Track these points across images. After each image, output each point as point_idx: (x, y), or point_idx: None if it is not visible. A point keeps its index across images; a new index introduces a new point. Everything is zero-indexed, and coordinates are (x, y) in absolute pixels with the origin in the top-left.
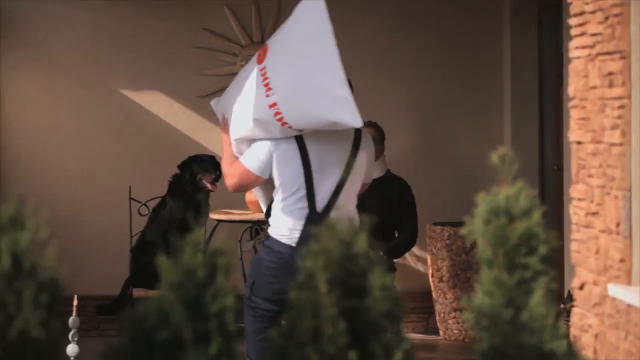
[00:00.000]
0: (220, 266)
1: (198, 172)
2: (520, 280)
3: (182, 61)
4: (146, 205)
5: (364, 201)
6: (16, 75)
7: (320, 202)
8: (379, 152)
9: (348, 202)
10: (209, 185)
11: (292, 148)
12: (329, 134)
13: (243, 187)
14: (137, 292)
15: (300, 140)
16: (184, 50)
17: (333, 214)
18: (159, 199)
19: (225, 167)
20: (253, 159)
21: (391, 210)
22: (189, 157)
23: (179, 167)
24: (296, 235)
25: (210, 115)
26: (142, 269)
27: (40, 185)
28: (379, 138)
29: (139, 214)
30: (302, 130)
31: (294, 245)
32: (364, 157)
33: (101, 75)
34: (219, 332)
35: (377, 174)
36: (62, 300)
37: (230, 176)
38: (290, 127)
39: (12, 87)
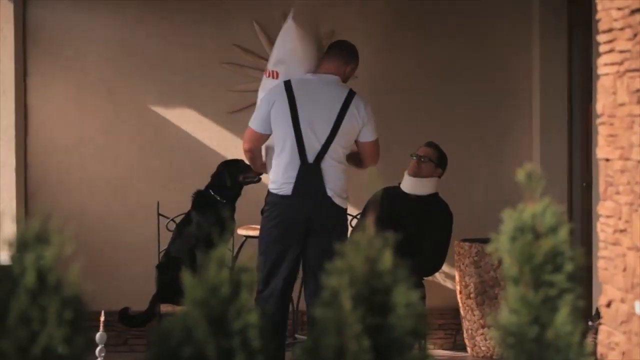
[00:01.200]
0: (244, 283)
1: (238, 173)
2: (546, 297)
3: (212, 77)
4: (174, 221)
5: (402, 214)
6: (45, 90)
7: (311, 155)
8: (430, 171)
9: (336, 155)
10: (256, 178)
11: (285, 106)
12: (320, 97)
13: (252, 147)
14: (165, 308)
15: (292, 99)
16: (213, 66)
17: (323, 164)
18: (184, 215)
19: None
20: (254, 119)
21: (423, 230)
22: (218, 167)
23: (215, 177)
24: (290, 186)
25: (240, 132)
26: (168, 285)
27: (68, 201)
28: (436, 159)
29: (167, 229)
30: None
31: (289, 194)
32: (352, 118)
33: (131, 90)
34: (242, 349)
35: (422, 191)
36: (88, 316)
37: (243, 142)
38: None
39: (41, 102)
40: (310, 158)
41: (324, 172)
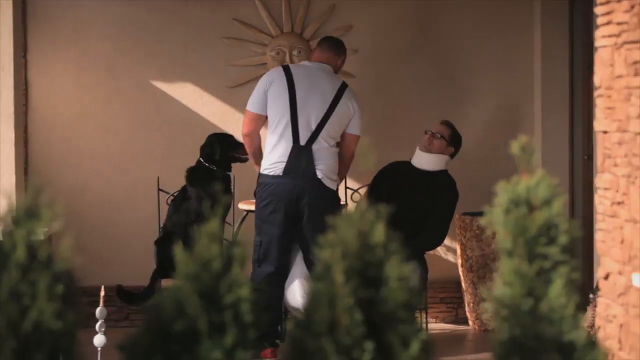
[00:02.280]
0: (235, 257)
1: (229, 150)
2: (540, 270)
3: (212, 52)
4: (174, 197)
5: (410, 188)
6: (45, 66)
7: (303, 137)
8: (441, 148)
9: (328, 139)
10: (244, 157)
11: (283, 88)
12: (316, 81)
13: (251, 131)
14: (166, 283)
15: (290, 81)
16: (214, 41)
17: (314, 146)
18: (179, 190)
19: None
20: (251, 101)
21: (429, 205)
22: (209, 137)
23: (206, 147)
24: (282, 166)
25: (240, 106)
26: (168, 261)
27: (69, 176)
28: (449, 137)
29: (167, 205)
30: None
31: (280, 174)
32: (345, 106)
33: (131, 66)
34: (234, 323)
35: (431, 167)
36: (81, 290)
37: (242, 128)
38: None
39: (41, 78)
40: (303, 140)
41: (314, 154)
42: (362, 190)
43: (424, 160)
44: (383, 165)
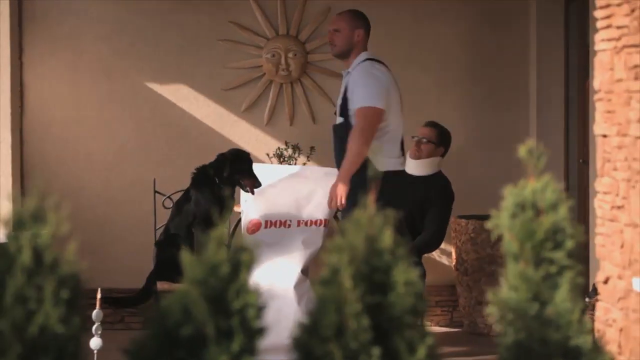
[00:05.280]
0: (243, 263)
1: (240, 173)
2: (546, 274)
3: (208, 54)
4: (170, 198)
5: (404, 195)
6: (40, 68)
7: None
8: (430, 152)
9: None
10: (249, 189)
11: (396, 95)
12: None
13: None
14: (161, 286)
15: (397, 89)
16: (209, 43)
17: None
18: (183, 192)
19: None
20: (379, 98)
21: (425, 210)
22: (230, 152)
23: (219, 160)
24: (400, 161)
25: (235, 109)
26: (166, 263)
27: (64, 178)
28: (436, 139)
29: (164, 206)
30: None
31: (402, 169)
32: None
33: (126, 68)
34: (241, 329)
35: (424, 172)
36: (85, 293)
37: (371, 126)
38: None
39: (37, 80)
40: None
41: None
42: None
43: (416, 167)
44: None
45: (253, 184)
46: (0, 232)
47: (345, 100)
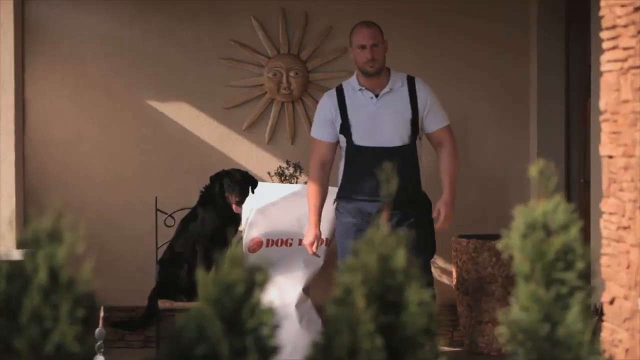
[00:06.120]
0: (257, 282)
1: (227, 189)
2: (557, 295)
3: (209, 72)
4: (172, 217)
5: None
6: (42, 85)
7: None
8: None
9: None
10: (233, 206)
11: None
12: None
13: None
14: (162, 304)
15: None
16: (211, 62)
17: None
18: (187, 210)
19: None
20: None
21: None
22: (222, 170)
23: (211, 178)
24: None
25: (237, 127)
26: (169, 281)
27: (66, 196)
28: None
29: (165, 225)
30: None
31: None
32: None
33: (128, 86)
34: (255, 348)
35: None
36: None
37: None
38: None
39: (38, 97)
40: None
41: None
42: None
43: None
44: None
45: (235, 199)
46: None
47: (415, 122)
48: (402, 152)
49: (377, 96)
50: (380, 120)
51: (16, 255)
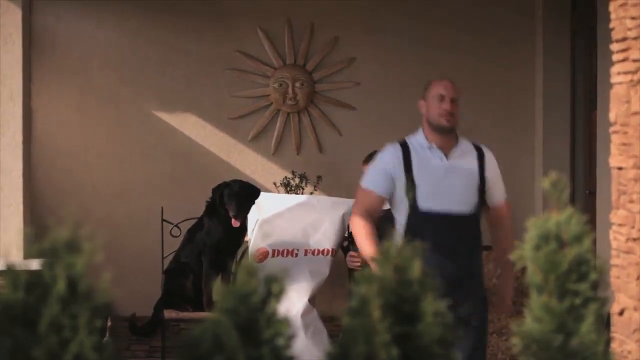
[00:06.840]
0: (273, 292)
1: (226, 201)
2: (571, 306)
3: (215, 83)
4: (178, 227)
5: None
6: (49, 96)
7: None
8: None
9: None
10: (232, 220)
11: None
12: None
13: None
14: (169, 314)
15: None
16: (216, 72)
17: None
18: (193, 220)
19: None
20: None
21: None
22: (223, 182)
23: (213, 190)
24: None
25: (242, 137)
26: (175, 291)
27: (71, 205)
28: None
29: (171, 235)
30: None
31: None
32: None
33: (134, 96)
34: (271, 358)
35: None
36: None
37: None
38: None
39: (45, 107)
40: None
41: None
42: None
43: None
44: None
45: (232, 213)
46: (3, 261)
47: (482, 191)
48: (469, 221)
49: (446, 156)
50: (450, 183)
51: (35, 265)
